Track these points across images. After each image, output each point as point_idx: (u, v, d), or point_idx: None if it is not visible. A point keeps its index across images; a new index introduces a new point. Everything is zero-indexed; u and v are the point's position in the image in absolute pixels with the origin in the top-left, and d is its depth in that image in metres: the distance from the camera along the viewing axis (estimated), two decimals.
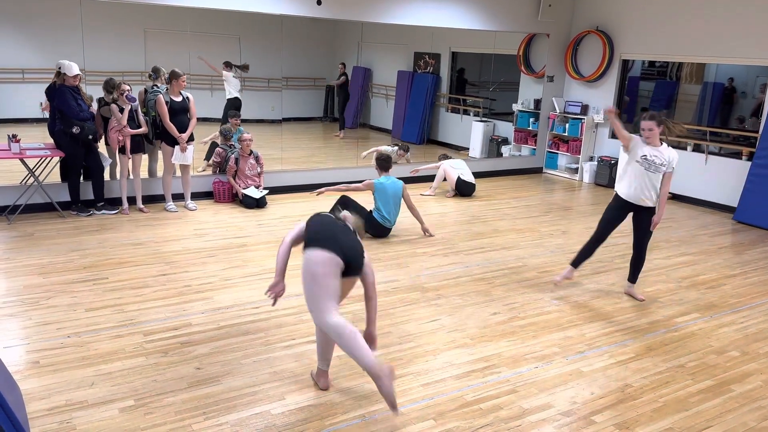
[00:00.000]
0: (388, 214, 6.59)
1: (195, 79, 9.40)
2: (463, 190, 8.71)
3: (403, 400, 3.56)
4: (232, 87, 9.75)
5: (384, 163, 6.75)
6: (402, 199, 6.69)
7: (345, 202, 6.51)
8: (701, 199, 9.04)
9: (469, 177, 8.72)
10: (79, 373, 3.70)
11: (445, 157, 9.01)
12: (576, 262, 5.39)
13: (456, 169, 8.74)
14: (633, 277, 5.36)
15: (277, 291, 3.59)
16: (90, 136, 6.76)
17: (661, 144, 5.09)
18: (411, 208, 6.77)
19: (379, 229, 6.61)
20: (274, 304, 3.69)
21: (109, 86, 7.05)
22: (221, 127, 8.72)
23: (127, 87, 6.86)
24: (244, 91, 10.92)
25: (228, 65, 9.78)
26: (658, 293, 5.49)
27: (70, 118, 6.58)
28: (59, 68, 6.57)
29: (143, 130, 7.01)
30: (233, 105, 9.52)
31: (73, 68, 6.58)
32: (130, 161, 7.04)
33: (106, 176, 7.27)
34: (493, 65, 11.15)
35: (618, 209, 5.20)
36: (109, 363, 3.83)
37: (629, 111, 10.40)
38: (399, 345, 4.25)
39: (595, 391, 3.78)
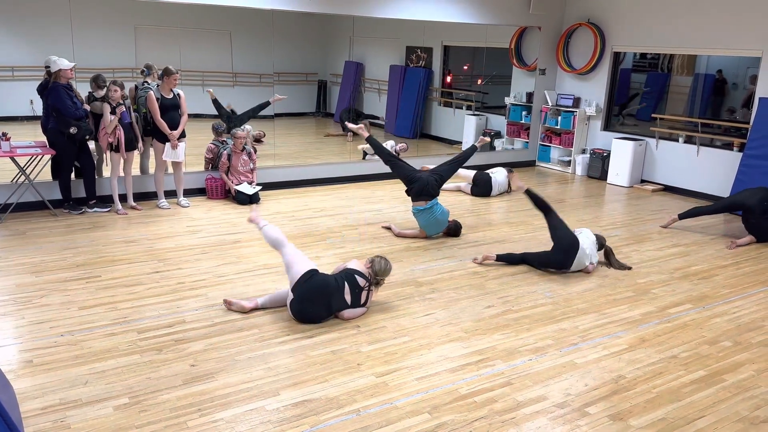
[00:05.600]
0: (434, 211, 6.50)
1: (187, 76, 9.36)
2: (481, 185, 8.61)
3: (398, 395, 3.58)
4: None
5: (451, 231, 6.68)
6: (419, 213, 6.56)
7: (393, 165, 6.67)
8: (693, 190, 9.07)
9: (494, 182, 8.60)
10: (72, 371, 3.69)
11: (510, 171, 8.78)
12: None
13: (493, 173, 8.72)
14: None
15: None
16: (86, 136, 6.72)
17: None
18: (403, 234, 6.66)
19: (431, 192, 6.46)
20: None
21: (100, 81, 7.00)
22: (213, 123, 8.69)
23: (123, 107, 6.82)
24: (236, 86, 10.88)
25: None
26: (650, 284, 5.52)
27: (67, 118, 6.52)
28: (47, 66, 6.50)
29: (118, 133, 6.89)
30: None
31: (65, 62, 6.51)
32: (120, 158, 6.99)
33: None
34: (485, 59, 11.14)
35: None
36: (103, 361, 3.82)
37: (620, 101, 10.43)
38: (393, 339, 4.26)
39: (589, 383, 3.80)
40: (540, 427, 3.34)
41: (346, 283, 4.50)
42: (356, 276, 4.56)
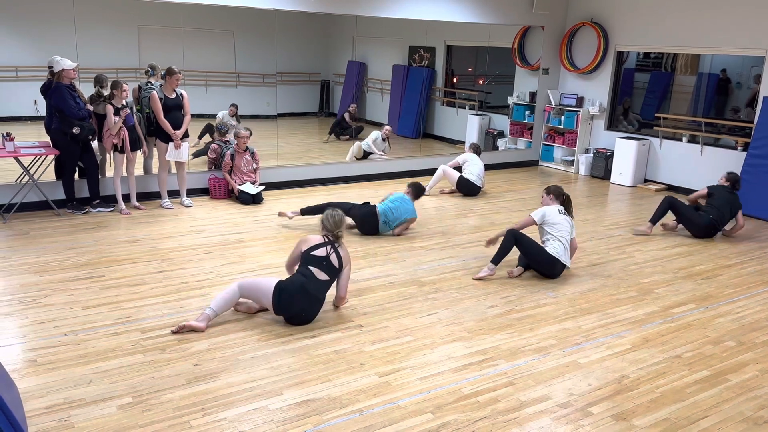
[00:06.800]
0: (387, 220, 6.53)
1: (190, 76, 9.37)
2: (466, 190, 8.49)
3: (401, 394, 3.57)
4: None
5: (417, 193, 6.70)
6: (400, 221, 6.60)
7: (330, 203, 6.56)
8: (696, 189, 9.02)
9: (475, 178, 8.45)
10: (76, 371, 3.69)
11: (477, 151, 8.76)
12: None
13: (469, 166, 8.51)
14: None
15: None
16: (89, 136, 6.73)
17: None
18: (400, 232, 6.67)
19: (369, 226, 6.54)
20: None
21: (100, 81, 7.02)
22: (216, 123, 8.70)
23: (128, 109, 6.82)
24: (239, 86, 10.89)
25: None
26: (654, 284, 5.50)
27: (70, 118, 6.53)
28: (50, 66, 6.52)
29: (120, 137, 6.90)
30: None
31: (68, 62, 6.52)
32: (125, 159, 7.00)
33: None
34: (488, 58, 11.13)
35: None
36: (107, 360, 3.82)
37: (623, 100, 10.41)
38: (396, 339, 4.26)
39: (592, 383, 3.80)
40: (543, 427, 3.33)
41: (311, 268, 4.36)
42: (313, 253, 4.39)
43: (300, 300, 4.30)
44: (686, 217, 6.87)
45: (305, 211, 6.64)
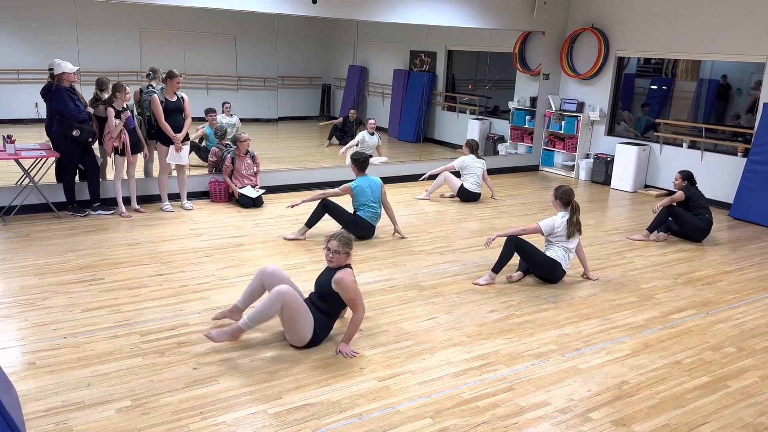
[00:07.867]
0: (374, 212, 6.55)
1: (191, 79, 9.39)
2: (466, 198, 8.45)
3: (400, 399, 3.57)
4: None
5: (362, 165, 6.64)
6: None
7: (326, 206, 6.39)
8: None
9: (474, 186, 8.40)
10: (75, 373, 3.69)
11: (473, 148, 8.61)
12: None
13: (468, 174, 8.44)
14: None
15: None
16: (89, 138, 6.74)
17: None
18: (386, 207, 6.69)
19: (366, 230, 6.54)
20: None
21: (102, 85, 7.03)
22: (216, 126, 8.71)
23: (129, 112, 6.84)
24: (240, 90, 10.91)
25: None
26: (654, 290, 5.50)
27: (70, 121, 6.54)
28: (51, 68, 6.53)
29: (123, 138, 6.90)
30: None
31: (69, 65, 6.54)
32: (125, 162, 7.01)
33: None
34: (489, 63, 11.15)
35: None
36: (106, 363, 3.82)
37: (626, 108, 10.42)
38: (396, 343, 4.25)
39: (592, 388, 3.79)
40: None
41: (336, 306, 4.14)
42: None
43: (323, 338, 4.23)
44: (689, 223, 6.86)
45: (310, 223, 6.48)
